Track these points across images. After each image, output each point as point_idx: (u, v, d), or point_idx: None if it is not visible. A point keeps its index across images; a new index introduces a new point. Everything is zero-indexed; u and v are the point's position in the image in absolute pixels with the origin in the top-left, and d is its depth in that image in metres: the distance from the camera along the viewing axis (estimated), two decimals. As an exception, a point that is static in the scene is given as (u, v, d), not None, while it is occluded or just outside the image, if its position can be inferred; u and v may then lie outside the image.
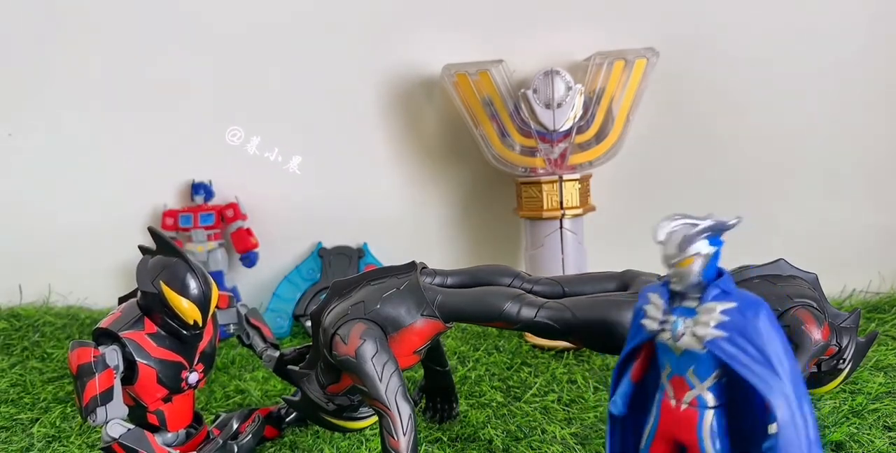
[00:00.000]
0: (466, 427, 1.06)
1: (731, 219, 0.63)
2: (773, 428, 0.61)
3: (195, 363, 0.93)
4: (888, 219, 1.50)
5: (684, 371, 0.66)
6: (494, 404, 1.13)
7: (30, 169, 1.60)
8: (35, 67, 1.55)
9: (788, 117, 1.48)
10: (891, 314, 1.37)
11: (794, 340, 0.86)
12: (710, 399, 0.65)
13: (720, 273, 0.65)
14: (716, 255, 0.64)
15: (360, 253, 1.57)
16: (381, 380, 0.82)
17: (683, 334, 0.64)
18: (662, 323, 0.66)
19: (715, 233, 0.63)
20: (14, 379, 1.29)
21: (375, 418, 0.93)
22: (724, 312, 0.62)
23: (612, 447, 0.75)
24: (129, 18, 1.52)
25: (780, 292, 0.90)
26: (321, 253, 1.58)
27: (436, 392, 1.08)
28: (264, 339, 1.07)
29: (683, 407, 0.66)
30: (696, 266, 0.63)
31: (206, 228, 1.54)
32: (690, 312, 0.64)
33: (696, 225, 0.63)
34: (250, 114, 1.56)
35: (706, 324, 0.62)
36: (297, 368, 0.96)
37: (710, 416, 0.66)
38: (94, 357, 0.86)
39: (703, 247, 0.63)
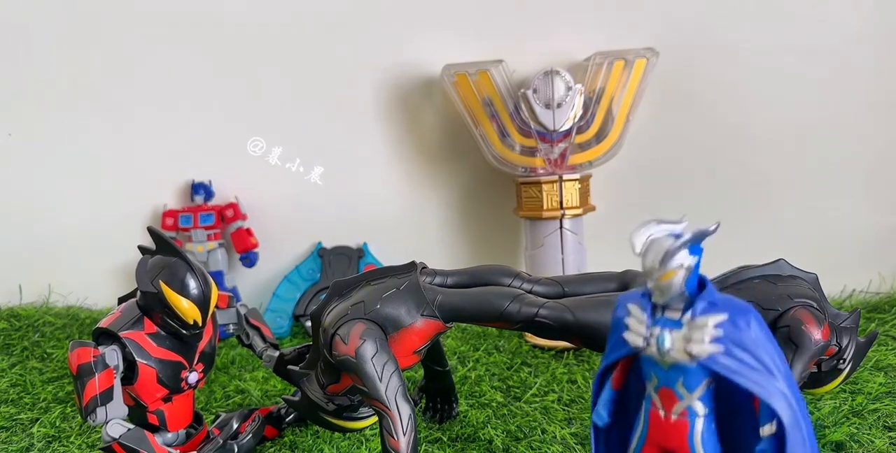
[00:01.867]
0: (466, 427, 1.06)
1: (710, 225, 0.60)
2: (765, 431, 0.60)
3: (195, 363, 0.94)
4: (888, 219, 1.50)
5: (673, 383, 0.64)
6: (494, 404, 1.13)
7: (30, 169, 1.60)
8: (36, 67, 1.55)
9: (788, 117, 1.48)
10: (891, 314, 1.37)
11: (794, 340, 0.86)
12: (699, 408, 0.64)
13: (702, 282, 0.62)
14: (697, 264, 0.61)
15: (360, 253, 1.57)
16: (381, 380, 0.82)
17: (671, 349, 0.61)
18: (647, 337, 0.63)
19: (695, 243, 0.61)
20: (14, 379, 1.29)
21: (375, 418, 0.93)
22: (716, 326, 0.60)
23: None
24: (130, 18, 1.52)
25: (780, 292, 0.90)
26: (321, 253, 1.58)
27: (436, 392, 1.08)
28: (264, 339, 1.07)
29: (674, 418, 0.64)
30: (679, 278, 0.60)
31: (206, 228, 1.54)
32: (675, 324, 0.62)
33: (676, 235, 0.60)
34: (250, 115, 1.56)
35: (700, 340, 0.60)
36: (297, 368, 0.96)
37: (700, 424, 0.64)
38: (94, 357, 0.86)
39: (684, 258, 0.60)
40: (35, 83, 1.56)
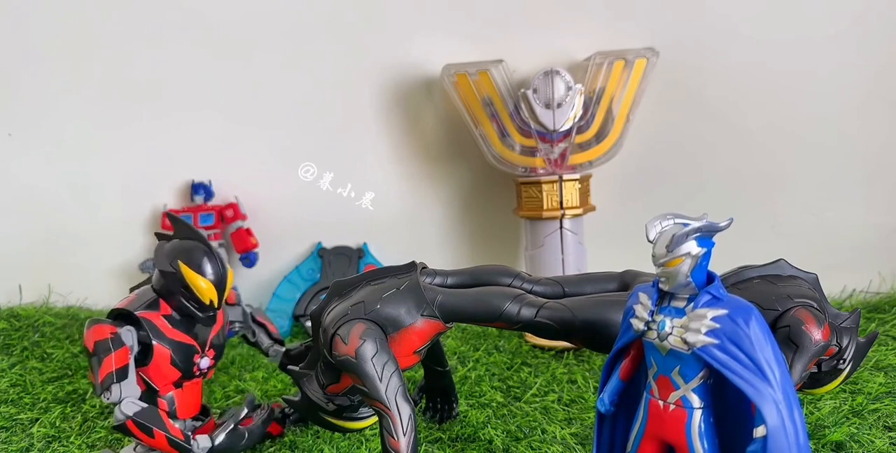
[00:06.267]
0: (466, 427, 1.06)
1: (723, 221, 0.63)
2: (757, 432, 0.61)
3: (207, 348, 0.96)
4: (888, 219, 1.50)
5: (669, 371, 0.66)
6: (494, 404, 1.13)
7: (29, 169, 1.60)
8: (36, 67, 1.55)
9: (788, 117, 1.48)
10: (891, 314, 1.37)
11: (795, 340, 0.86)
12: (694, 400, 0.65)
13: (711, 277, 0.64)
14: (706, 257, 0.63)
15: (360, 253, 1.57)
16: (381, 381, 0.82)
17: (670, 334, 0.64)
18: (649, 322, 0.66)
19: (705, 235, 0.63)
20: (14, 379, 1.29)
21: (375, 418, 0.93)
22: (714, 319, 0.62)
23: (600, 445, 0.75)
24: (131, 18, 1.52)
25: (781, 292, 0.90)
26: (321, 253, 1.58)
27: (436, 392, 1.08)
28: (270, 336, 1.10)
29: (672, 407, 0.66)
30: (685, 266, 0.63)
31: (206, 228, 1.54)
32: (679, 312, 0.64)
33: (687, 225, 0.63)
34: (250, 114, 1.56)
35: (697, 330, 0.62)
36: (296, 368, 0.96)
37: (698, 417, 0.65)
38: (111, 333, 0.88)
39: (691, 247, 0.62)
40: (35, 83, 1.56)
